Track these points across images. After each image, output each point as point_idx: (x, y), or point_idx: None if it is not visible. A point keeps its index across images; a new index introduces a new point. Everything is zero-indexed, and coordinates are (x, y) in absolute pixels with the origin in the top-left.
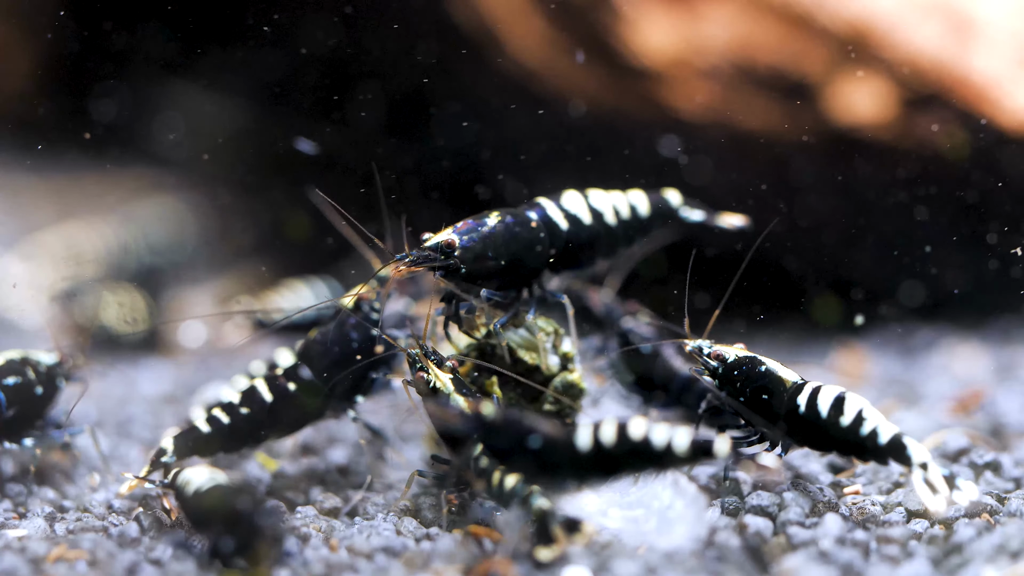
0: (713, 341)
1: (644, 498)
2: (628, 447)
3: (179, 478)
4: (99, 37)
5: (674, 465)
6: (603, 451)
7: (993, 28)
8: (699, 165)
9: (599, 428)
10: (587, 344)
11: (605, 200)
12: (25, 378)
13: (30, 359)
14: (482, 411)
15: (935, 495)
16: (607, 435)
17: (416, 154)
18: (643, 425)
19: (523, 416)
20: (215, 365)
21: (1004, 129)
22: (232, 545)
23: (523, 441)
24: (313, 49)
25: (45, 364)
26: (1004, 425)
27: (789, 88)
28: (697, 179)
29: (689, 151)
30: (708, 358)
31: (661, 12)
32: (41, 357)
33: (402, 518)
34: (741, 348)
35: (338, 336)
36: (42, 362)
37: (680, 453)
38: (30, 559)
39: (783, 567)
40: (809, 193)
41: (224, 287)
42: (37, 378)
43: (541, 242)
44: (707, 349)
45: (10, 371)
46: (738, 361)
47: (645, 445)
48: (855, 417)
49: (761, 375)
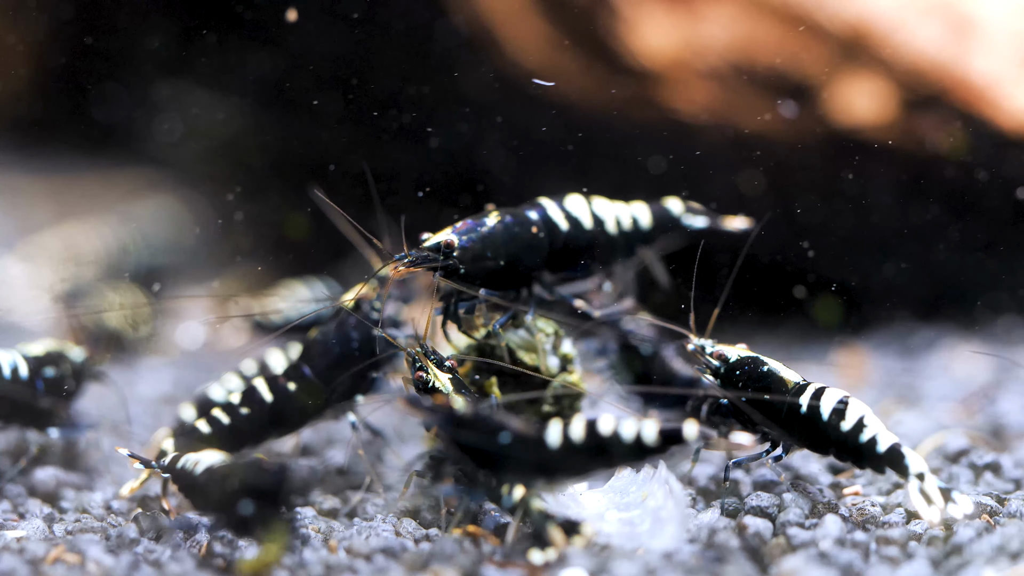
0: (716, 341)
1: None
2: (597, 443)
3: (182, 461)
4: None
5: (648, 456)
6: (573, 447)
7: (993, 28)
8: (699, 166)
9: (568, 425)
10: (587, 345)
11: (608, 208)
12: (60, 370)
13: (65, 353)
14: (452, 406)
15: (930, 506)
16: (576, 432)
17: (415, 154)
18: (612, 421)
19: (494, 412)
20: (214, 366)
21: (1004, 129)
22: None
23: (493, 437)
24: (312, 49)
25: (76, 360)
26: (1004, 426)
27: (789, 88)
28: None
29: (689, 152)
30: (710, 357)
31: (661, 13)
32: (73, 352)
33: (401, 519)
34: (743, 348)
35: (338, 336)
36: (74, 357)
37: (650, 444)
38: (29, 560)
39: (783, 568)
40: (808, 193)
41: (223, 287)
42: (70, 372)
43: (540, 242)
44: (710, 348)
45: (50, 361)
46: (740, 361)
47: (615, 440)
48: (856, 423)
49: (763, 375)
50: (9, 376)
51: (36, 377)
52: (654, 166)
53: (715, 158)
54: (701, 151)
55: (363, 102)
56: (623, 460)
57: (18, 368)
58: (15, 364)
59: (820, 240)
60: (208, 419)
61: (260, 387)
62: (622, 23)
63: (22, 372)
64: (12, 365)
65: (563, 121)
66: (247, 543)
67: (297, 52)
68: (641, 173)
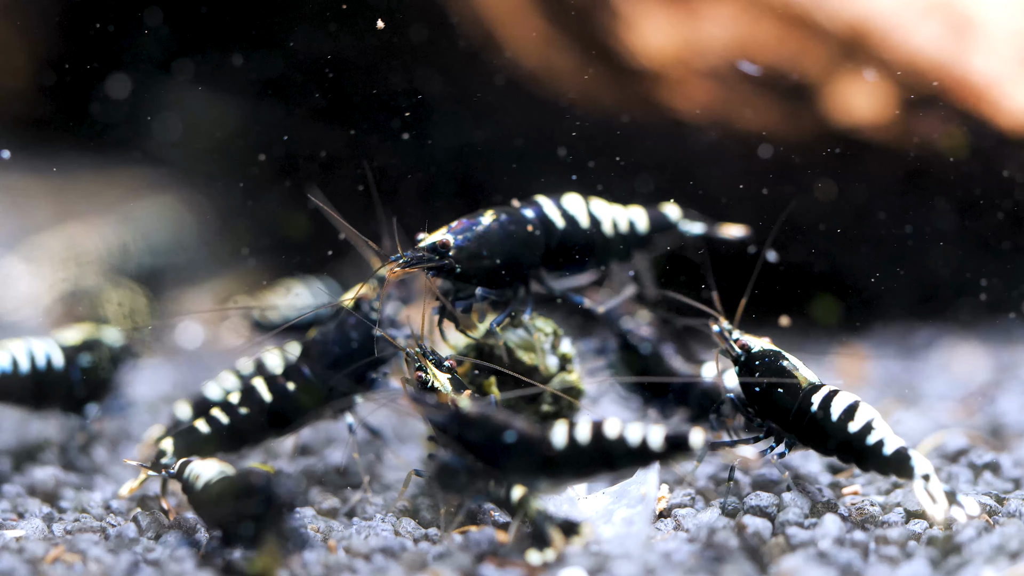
0: (742, 331)
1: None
2: (603, 446)
3: (188, 470)
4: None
5: (652, 461)
6: (578, 449)
7: (993, 28)
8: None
9: (574, 427)
10: (586, 344)
11: (605, 210)
12: (97, 356)
13: (102, 339)
14: (458, 404)
15: (935, 504)
16: (582, 434)
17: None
18: (618, 424)
19: (499, 411)
20: (213, 365)
21: (1004, 129)
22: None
23: (498, 436)
24: (311, 49)
25: (114, 345)
26: (1004, 425)
27: (788, 88)
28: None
29: (688, 151)
30: (734, 344)
31: (660, 12)
32: (110, 336)
33: (400, 518)
34: (767, 341)
35: (338, 336)
36: (111, 342)
37: (655, 449)
38: (28, 560)
39: (782, 568)
40: (808, 193)
41: (223, 287)
42: (107, 356)
43: (536, 240)
44: (735, 335)
45: (86, 348)
46: (762, 352)
47: (620, 443)
48: (864, 425)
49: (780, 370)
50: (44, 367)
51: (71, 365)
52: (653, 165)
53: (715, 158)
54: (700, 150)
55: (363, 102)
56: (627, 464)
57: (52, 358)
58: (49, 354)
59: (820, 240)
60: (207, 419)
61: (259, 387)
62: (621, 22)
63: (56, 362)
64: (46, 356)
65: (563, 121)
66: (248, 552)
67: (296, 50)
68: (640, 172)
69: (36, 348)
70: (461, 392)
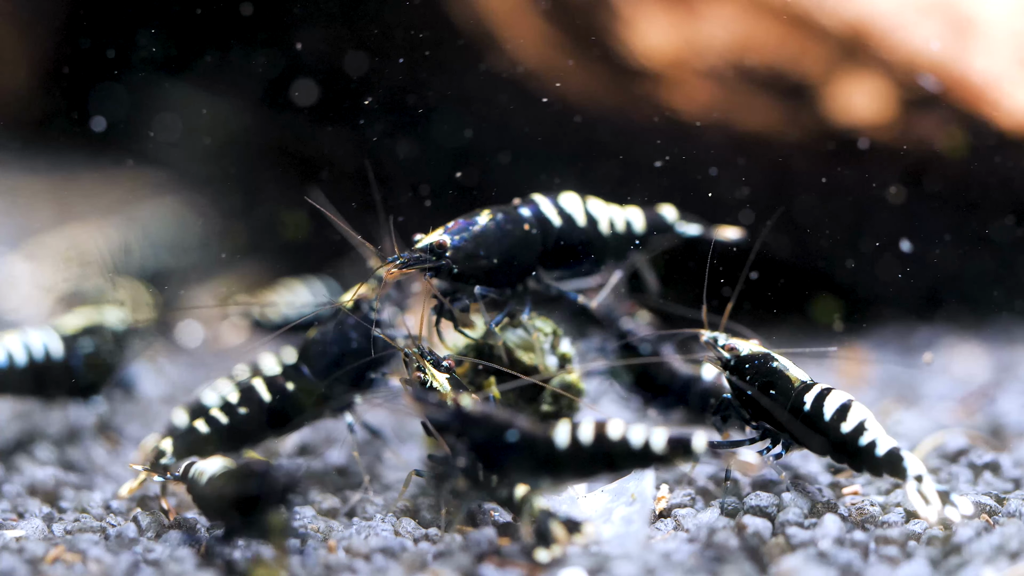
0: (729, 334)
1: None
2: (606, 446)
3: (192, 470)
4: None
5: (654, 464)
6: (581, 449)
7: (993, 28)
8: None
9: (578, 427)
10: (585, 344)
11: (602, 209)
12: (100, 340)
13: (104, 323)
14: (460, 403)
15: (928, 505)
16: (585, 434)
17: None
18: (621, 425)
19: (502, 411)
20: (213, 366)
21: (1004, 129)
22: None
23: (501, 435)
24: (310, 49)
25: (118, 328)
26: (1004, 425)
27: (788, 88)
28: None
29: (688, 151)
30: (722, 350)
31: (660, 12)
32: (113, 319)
33: (400, 518)
34: (756, 343)
35: (337, 336)
36: (115, 325)
37: (658, 452)
38: (28, 560)
39: (782, 568)
40: (808, 193)
41: (224, 287)
42: (111, 340)
43: (533, 239)
44: (722, 341)
45: (87, 334)
46: (751, 355)
47: (623, 445)
48: (856, 426)
49: (771, 371)
50: (42, 358)
51: (72, 354)
52: (653, 165)
53: (715, 157)
54: (700, 150)
55: (363, 101)
56: (629, 465)
57: (49, 348)
58: (47, 344)
59: (820, 239)
60: (207, 419)
61: (258, 387)
62: (621, 22)
63: (55, 351)
64: (44, 346)
65: (562, 121)
66: (256, 545)
67: (297, 51)
68: (640, 172)
69: (33, 339)
70: (460, 392)
